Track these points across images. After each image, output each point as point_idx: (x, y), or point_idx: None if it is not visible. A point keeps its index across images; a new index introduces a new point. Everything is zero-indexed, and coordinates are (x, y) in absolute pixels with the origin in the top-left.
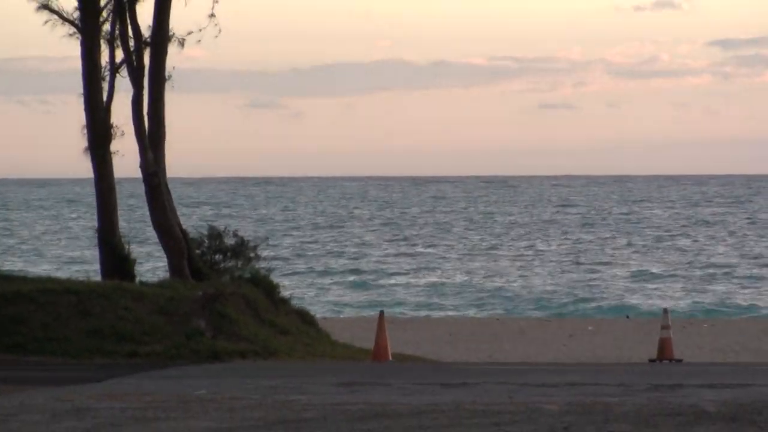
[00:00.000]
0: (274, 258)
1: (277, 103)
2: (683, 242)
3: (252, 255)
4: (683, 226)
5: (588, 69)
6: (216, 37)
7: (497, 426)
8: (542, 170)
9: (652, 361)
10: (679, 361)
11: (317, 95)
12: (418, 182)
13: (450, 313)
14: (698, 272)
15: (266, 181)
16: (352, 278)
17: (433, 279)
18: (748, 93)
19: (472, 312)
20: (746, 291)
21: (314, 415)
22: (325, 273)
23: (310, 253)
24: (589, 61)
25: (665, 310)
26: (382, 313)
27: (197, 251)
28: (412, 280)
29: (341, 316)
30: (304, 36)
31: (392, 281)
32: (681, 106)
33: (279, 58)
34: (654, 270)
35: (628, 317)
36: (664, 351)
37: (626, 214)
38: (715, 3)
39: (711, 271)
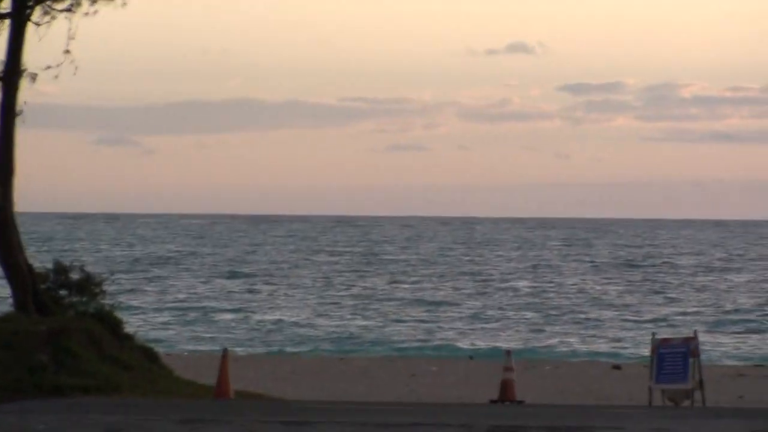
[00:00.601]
0: (118, 293)
1: (129, 140)
2: (522, 284)
3: (97, 290)
4: (525, 269)
5: (439, 111)
6: (74, 74)
7: None
8: (393, 210)
9: (493, 402)
10: (521, 402)
11: (170, 133)
12: (270, 219)
13: (293, 350)
14: (537, 315)
15: (114, 218)
16: (194, 314)
17: (274, 317)
18: (598, 137)
19: (307, 348)
20: (587, 333)
21: None
22: (165, 309)
23: (148, 289)
24: (440, 103)
25: (508, 352)
26: (225, 350)
27: (42, 286)
28: (256, 317)
29: (185, 353)
30: (159, 73)
31: (230, 317)
32: (532, 150)
33: (133, 95)
34: (490, 312)
35: (471, 358)
36: (506, 392)
37: (467, 255)
38: (568, 48)
39: (553, 313)
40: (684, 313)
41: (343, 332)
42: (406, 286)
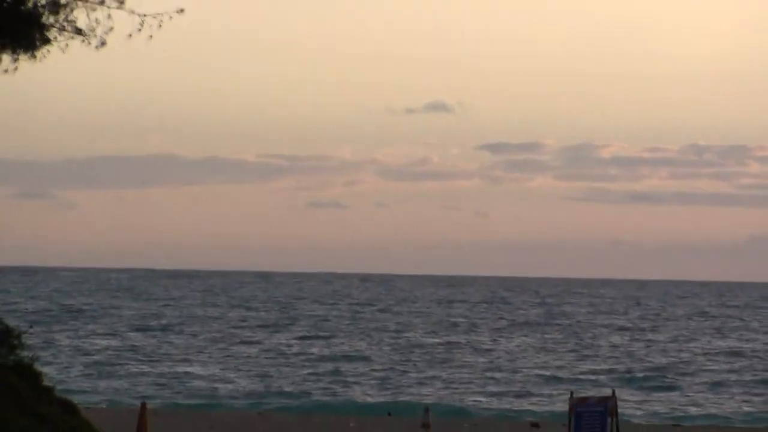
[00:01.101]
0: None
1: (49, 193)
2: (437, 340)
3: (16, 343)
4: (442, 325)
5: (359, 169)
6: None
7: None
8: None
9: None
10: None
11: (90, 187)
12: (190, 275)
13: (209, 403)
14: (450, 370)
15: (31, 271)
16: (107, 367)
17: (187, 370)
18: (517, 197)
19: (222, 403)
20: (503, 390)
21: None
22: (78, 362)
23: (63, 341)
24: (360, 161)
25: (426, 409)
26: (143, 404)
27: None
28: (170, 369)
29: (102, 406)
30: (79, 128)
31: (146, 369)
32: (451, 209)
33: (53, 150)
34: (402, 367)
35: (389, 414)
36: None
37: (383, 312)
38: (487, 107)
39: (467, 370)
40: (599, 371)
41: (257, 388)
42: (319, 341)
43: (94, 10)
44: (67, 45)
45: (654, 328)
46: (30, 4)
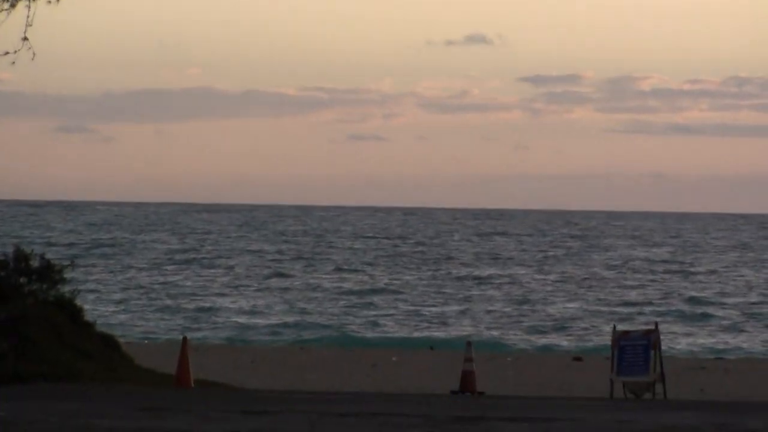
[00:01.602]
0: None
1: (86, 127)
2: (487, 273)
3: (58, 278)
4: (487, 259)
5: (398, 101)
6: (32, 59)
7: None
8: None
9: (454, 393)
10: (482, 393)
11: (129, 121)
12: (229, 209)
13: (256, 338)
14: (500, 305)
15: (71, 206)
16: (148, 302)
17: (228, 305)
18: (558, 129)
19: (267, 338)
20: (549, 325)
21: None
22: (119, 297)
23: (104, 277)
24: (399, 93)
25: (469, 343)
26: (185, 338)
27: (1, 273)
28: (210, 305)
29: (145, 341)
30: (117, 62)
31: (188, 306)
32: (491, 141)
33: (91, 84)
34: (452, 304)
35: (432, 348)
36: (466, 383)
37: (420, 244)
38: (527, 40)
39: (533, 306)
40: (646, 304)
41: (300, 321)
42: (355, 275)
43: None
44: None
45: (695, 261)
46: None
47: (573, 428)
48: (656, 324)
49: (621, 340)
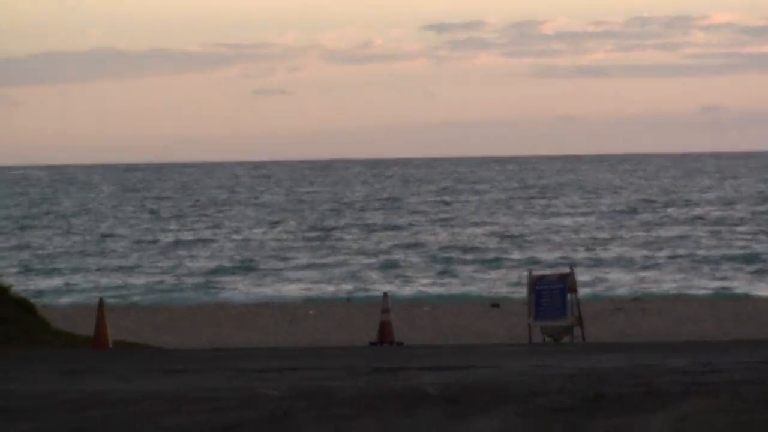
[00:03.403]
0: None
1: None
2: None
3: None
4: (382, 205)
5: (302, 54)
6: None
7: (217, 411)
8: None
9: (373, 344)
10: (400, 344)
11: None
12: (136, 168)
13: (166, 297)
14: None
15: None
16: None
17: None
18: (462, 76)
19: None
20: (465, 273)
21: (30, 405)
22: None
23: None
24: (303, 46)
25: (385, 294)
26: (101, 300)
27: None
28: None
29: (61, 304)
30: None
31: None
32: (396, 90)
33: None
34: (360, 256)
35: (349, 300)
36: (384, 334)
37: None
38: None
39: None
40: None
41: (211, 280)
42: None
43: None
44: None
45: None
46: None
47: (493, 375)
48: (571, 267)
49: (537, 284)
